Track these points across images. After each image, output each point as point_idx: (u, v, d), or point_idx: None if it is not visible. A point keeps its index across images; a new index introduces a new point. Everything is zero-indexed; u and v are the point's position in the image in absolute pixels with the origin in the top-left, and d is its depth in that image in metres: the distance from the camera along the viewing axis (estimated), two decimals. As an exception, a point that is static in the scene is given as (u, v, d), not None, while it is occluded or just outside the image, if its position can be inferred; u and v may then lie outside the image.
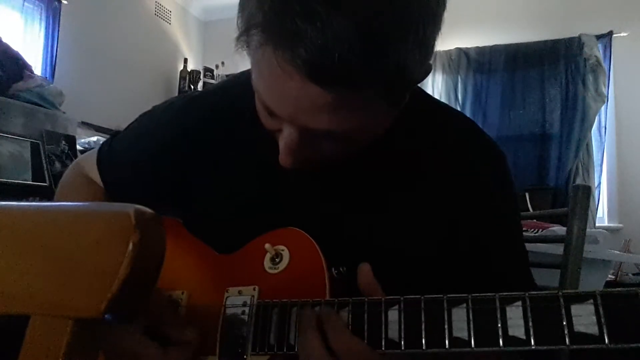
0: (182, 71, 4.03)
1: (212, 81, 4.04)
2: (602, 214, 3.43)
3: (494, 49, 3.66)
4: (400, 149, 0.65)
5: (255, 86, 0.53)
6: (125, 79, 3.47)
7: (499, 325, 0.45)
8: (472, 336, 0.45)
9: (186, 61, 4.06)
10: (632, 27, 3.38)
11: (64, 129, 2.34)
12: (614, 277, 2.70)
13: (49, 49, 2.86)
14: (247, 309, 0.59)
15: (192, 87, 4.00)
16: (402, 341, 0.48)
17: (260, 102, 0.54)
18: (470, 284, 0.64)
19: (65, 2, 2.95)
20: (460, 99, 3.70)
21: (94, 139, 2.59)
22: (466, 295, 0.47)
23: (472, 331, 0.45)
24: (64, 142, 2.29)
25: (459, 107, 3.59)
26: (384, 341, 0.49)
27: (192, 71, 4.06)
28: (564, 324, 0.42)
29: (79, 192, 0.78)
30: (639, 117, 3.36)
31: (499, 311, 0.45)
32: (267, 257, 0.62)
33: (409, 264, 0.63)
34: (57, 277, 0.33)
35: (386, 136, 0.60)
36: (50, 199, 2.02)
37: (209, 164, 0.70)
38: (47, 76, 2.79)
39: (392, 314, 0.50)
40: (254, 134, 0.64)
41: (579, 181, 3.33)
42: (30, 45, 2.78)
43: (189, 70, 4.04)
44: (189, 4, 4.26)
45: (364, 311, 0.51)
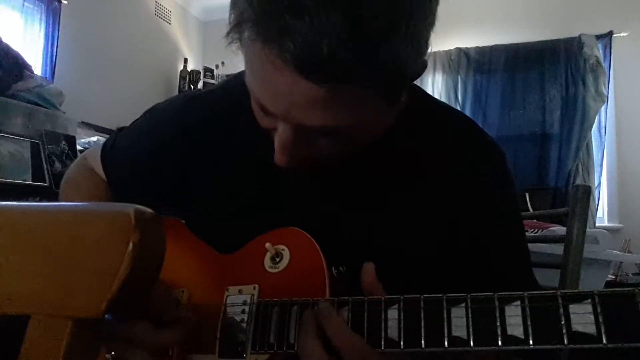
0: (182, 71, 4.03)
1: (212, 81, 4.04)
2: (602, 214, 3.43)
3: (494, 49, 3.66)
4: (400, 148, 0.65)
5: (248, 84, 0.53)
6: (125, 79, 3.47)
7: (498, 324, 0.45)
8: (471, 335, 0.45)
9: (186, 61, 4.06)
10: (632, 27, 3.38)
11: (64, 129, 2.34)
12: (614, 277, 2.70)
13: (49, 49, 2.86)
14: (247, 308, 0.59)
15: (192, 87, 3.99)
16: (402, 340, 0.48)
17: (254, 101, 0.54)
18: (470, 283, 0.64)
19: (65, 2, 2.95)
20: (460, 99, 3.70)
21: (94, 139, 2.59)
22: (465, 294, 0.47)
23: (471, 330, 0.46)
24: (64, 142, 2.29)
25: (459, 107, 3.59)
26: (383, 340, 0.49)
27: (192, 71, 4.06)
28: (562, 323, 0.42)
29: (85, 188, 0.78)
30: (639, 117, 3.36)
31: (497, 310, 0.45)
32: (268, 256, 0.62)
33: (409, 264, 0.63)
34: (57, 277, 0.33)
35: (386, 136, 0.60)
36: (50, 199, 2.02)
37: (209, 163, 0.70)
38: (47, 76, 2.79)
39: (392, 313, 0.50)
40: (254, 133, 0.64)
41: (579, 181, 3.33)
42: (30, 45, 2.78)
43: (189, 70, 4.04)
44: (189, 4, 4.26)
45: (363, 310, 0.51)
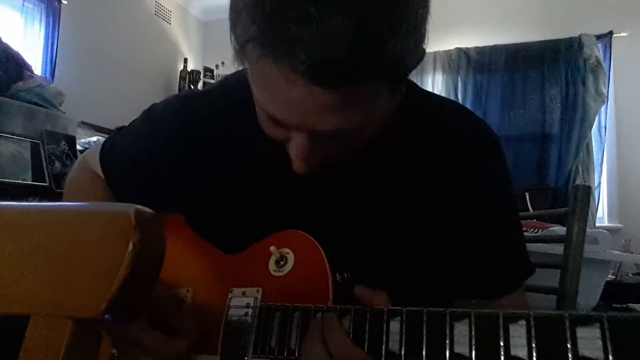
0: (182, 71, 4.03)
1: (212, 81, 4.04)
2: (602, 214, 3.43)
3: (494, 49, 3.66)
4: (397, 146, 0.65)
5: (257, 99, 0.52)
6: (125, 79, 3.47)
7: (502, 343, 0.43)
8: (473, 353, 0.44)
9: (186, 61, 4.06)
10: (632, 27, 3.38)
11: (64, 129, 2.34)
12: (614, 277, 2.70)
13: (49, 49, 2.85)
14: (250, 311, 0.59)
15: (192, 87, 3.99)
16: (402, 352, 0.48)
17: (264, 114, 0.53)
18: (470, 275, 0.65)
19: (65, 2, 2.95)
20: (460, 99, 3.70)
21: (94, 139, 2.59)
22: (469, 310, 0.46)
23: (473, 348, 0.44)
24: (64, 142, 2.29)
25: (459, 107, 3.58)
26: (384, 352, 0.48)
27: (192, 71, 4.06)
28: (569, 346, 0.41)
29: (86, 189, 0.78)
30: (639, 117, 3.36)
31: (502, 329, 0.44)
32: (272, 259, 0.62)
33: (410, 263, 0.63)
34: (57, 277, 0.33)
35: (384, 134, 0.60)
36: (50, 199, 2.02)
37: (209, 163, 0.70)
38: (47, 76, 2.78)
39: (394, 325, 0.49)
40: (254, 134, 0.64)
41: (579, 181, 3.33)
42: (30, 45, 2.78)
43: (189, 70, 4.04)
44: (189, 4, 4.26)
45: (365, 320, 0.51)
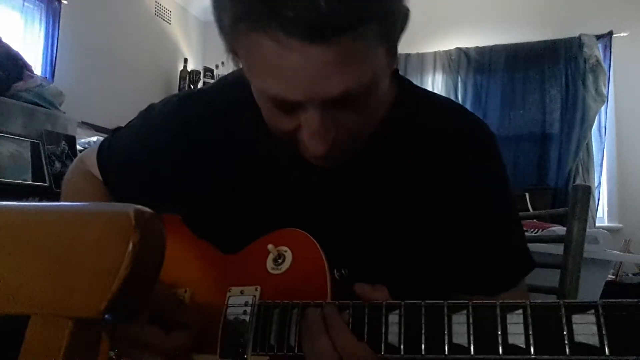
0: (182, 71, 4.03)
1: (212, 81, 4.03)
2: (602, 214, 3.43)
3: (494, 49, 3.66)
4: (397, 147, 0.65)
5: (260, 87, 0.52)
6: (125, 79, 3.47)
7: (499, 333, 0.44)
8: (471, 343, 0.45)
9: (186, 61, 4.06)
10: (632, 27, 3.38)
11: (64, 129, 2.33)
12: (614, 277, 2.70)
13: (49, 49, 2.85)
14: (248, 309, 0.59)
15: (192, 87, 3.99)
16: (402, 346, 0.48)
17: (269, 103, 0.53)
18: (470, 272, 0.65)
19: (65, 2, 2.95)
20: (460, 99, 3.70)
21: (94, 139, 2.58)
22: (466, 301, 0.47)
23: (471, 338, 0.45)
24: (64, 142, 2.29)
25: (459, 107, 3.58)
26: (383, 345, 0.49)
27: (192, 71, 4.05)
28: (565, 333, 0.42)
29: (84, 190, 0.78)
30: (639, 117, 3.36)
31: (499, 319, 0.45)
32: (270, 257, 0.62)
33: (410, 262, 0.63)
34: (57, 277, 0.33)
35: (382, 133, 0.60)
36: (50, 199, 2.02)
37: (208, 163, 0.70)
38: (47, 76, 2.78)
39: (393, 318, 0.49)
40: (253, 133, 0.64)
41: (579, 181, 3.33)
42: (30, 45, 2.77)
43: (189, 70, 4.04)
44: (189, 4, 4.25)
45: (364, 314, 0.51)
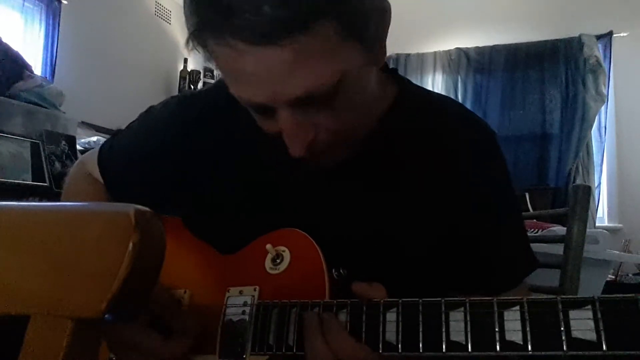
0: (182, 71, 4.02)
1: (212, 81, 4.03)
2: (602, 214, 3.43)
3: (494, 49, 3.67)
4: (396, 146, 0.65)
5: (231, 92, 0.52)
6: (125, 79, 3.47)
7: (497, 329, 0.44)
8: (469, 340, 0.45)
9: (186, 61, 4.06)
10: (632, 27, 3.38)
11: (64, 129, 2.33)
12: (614, 277, 2.70)
13: (49, 49, 2.85)
14: (247, 309, 0.59)
15: (192, 87, 3.99)
16: (400, 344, 0.48)
17: (246, 106, 0.54)
18: (470, 272, 0.65)
19: (65, 2, 2.95)
20: (460, 99, 3.70)
21: (94, 139, 2.58)
22: (464, 299, 0.47)
23: (469, 335, 0.45)
24: (64, 142, 2.29)
25: (459, 107, 3.59)
26: (381, 344, 0.49)
27: (192, 71, 4.05)
28: (562, 329, 0.42)
29: (84, 192, 0.78)
30: (639, 117, 3.36)
31: (496, 315, 0.45)
32: (268, 257, 0.62)
33: (409, 262, 0.63)
34: (57, 277, 0.33)
35: (382, 135, 0.60)
36: (50, 199, 2.02)
37: (208, 163, 0.70)
38: (47, 76, 2.78)
39: (390, 316, 0.49)
40: (253, 133, 0.64)
41: (579, 181, 3.33)
42: (30, 45, 2.77)
43: (189, 70, 4.04)
44: (189, 4, 4.25)
45: (362, 313, 0.51)
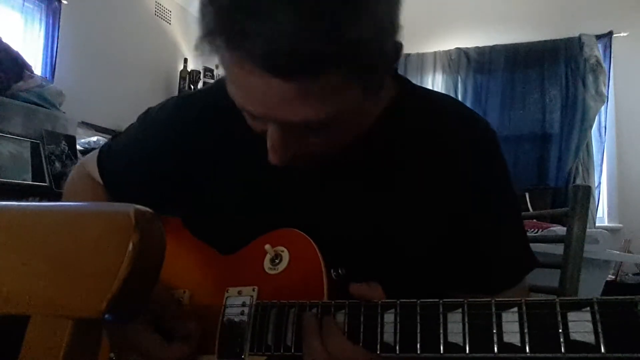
0: (182, 71, 4.02)
1: (212, 81, 4.03)
2: (602, 214, 3.43)
3: (494, 49, 3.66)
4: (395, 145, 0.65)
5: (229, 92, 0.53)
6: (125, 79, 3.47)
7: (494, 331, 0.44)
8: (467, 342, 0.45)
9: (186, 61, 4.05)
10: (632, 27, 3.38)
11: (64, 129, 2.33)
12: (614, 277, 2.70)
13: (49, 49, 2.85)
14: (246, 309, 0.59)
15: (192, 87, 3.99)
16: (397, 345, 0.48)
17: (239, 107, 0.54)
18: (469, 272, 0.65)
19: (65, 2, 2.95)
20: (460, 99, 3.70)
21: (94, 139, 2.58)
22: (462, 300, 0.47)
23: (467, 337, 0.45)
24: (64, 142, 2.29)
25: (459, 107, 3.59)
26: (379, 345, 0.49)
27: (192, 71, 4.05)
28: (560, 331, 0.42)
29: (84, 194, 0.78)
30: (639, 117, 3.36)
31: (494, 317, 0.45)
32: (267, 258, 0.62)
33: (408, 261, 0.63)
34: (57, 277, 0.33)
35: (379, 132, 0.60)
36: (50, 199, 2.02)
37: (208, 163, 0.70)
38: (47, 76, 2.78)
39: (388, 317, 0.49)
40: (252, 134, 0.64)
41: (579, 181, 3.33)
42: (30, 45, 2.77)
43: (189, 70, 4.04)
44: (189, 4, 4.25)
45: (360, 314, 0.51)
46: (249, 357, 0.57)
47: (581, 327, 0.41)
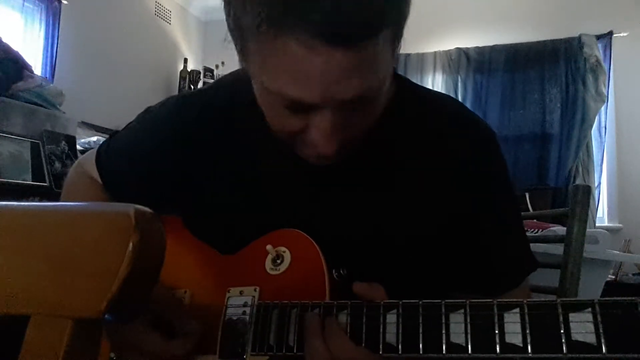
0: (182, 71, 4.03)
1: (212, 81, 4.03)
2: (602, 214, 3.43)
3: (494, 49, 3.66)
4: (395, 145, 0.65)
5: (275, 89, 0.50)
6: (125, 79, 3.47)
7: (497, 332, 0.44)
8: (469, 342, 0.45)
9: (186, 61, 4.06)
10: (632, 27, 3.38)
11: (64, 129, 2.33)
12: (614, 277, 2.70)
13: (49, 49, 2.85)
14: (247, 310, 0.59)
15: (192, 87, 3.99)
16: (400, 345, 0.48)
17: (279, 103, 0.52)
18: (470, 272, 0.65)
19: (65, 2, 2.95)
20: (460, 99, 3.70)
21: (94, 139, 2.58)
22: (464, 300, 0.47)
23: (469, 337, 0.45)
24: (64, 142, 2.29)
25: (459, 107, 3.59)
26: (381, 345, 0.49)
27: (192, 71, 4.06)
28: (562, 332, 0.42)
29: (82, 193, 0.78)
30: (639, 117, 3.36)
31: (496, 317, 0.45)
32: (269, 258, 0.62)
33: (409, 261, 0.63)
34: (57, 277, 0.33)
35: (381, 134, 0.60)
36: (50, 199, 2.02)
37: (207, 163, 0.70)
38: (47, 76, 2.78)
39: (391, 318, 0.50)
40: (252, 133, 0.64)
41: (579, 181, 3.33)
42: (30, 45, 2.78)
43: (189, 70, 4.04)
44: (189, 4, 4.25)
45: (362, 314, 0.51)
46: (250, 357, 0.57)
47: (582, 327, 0.41)
